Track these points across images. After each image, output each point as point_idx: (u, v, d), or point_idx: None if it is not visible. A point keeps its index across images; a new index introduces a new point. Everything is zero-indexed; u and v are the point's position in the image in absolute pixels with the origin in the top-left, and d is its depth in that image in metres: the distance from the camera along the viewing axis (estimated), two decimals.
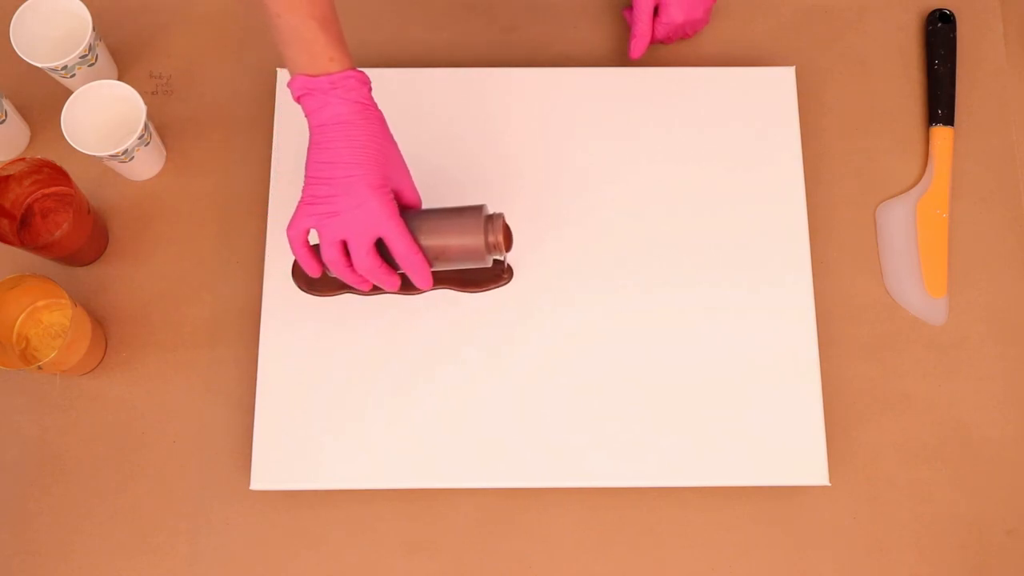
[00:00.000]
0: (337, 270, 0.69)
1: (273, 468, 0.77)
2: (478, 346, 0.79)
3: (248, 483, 0.77)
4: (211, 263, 0.84)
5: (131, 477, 0.79)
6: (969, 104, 0.88)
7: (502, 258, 0.73)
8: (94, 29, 0.81)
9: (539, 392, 0.78)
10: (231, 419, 0.80)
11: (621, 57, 0.89)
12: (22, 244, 0.79)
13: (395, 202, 0.68)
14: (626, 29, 0.89)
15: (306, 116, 0.68)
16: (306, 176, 0.67)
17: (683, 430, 0.77)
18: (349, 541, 0.78)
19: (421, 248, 0.69)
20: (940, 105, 0.86)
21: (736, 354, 0.79)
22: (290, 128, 0.84)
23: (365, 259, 0.67)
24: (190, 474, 0.79)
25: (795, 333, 0.79)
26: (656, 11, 0.84)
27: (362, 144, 0.66)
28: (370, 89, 0.68)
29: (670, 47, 0.89)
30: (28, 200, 0.83)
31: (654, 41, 0.87)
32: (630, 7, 0.85)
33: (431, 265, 0.70)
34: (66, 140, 0.78)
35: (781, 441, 0.77)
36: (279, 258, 0.81)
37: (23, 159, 0.78)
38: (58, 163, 0.77)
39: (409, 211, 0.71)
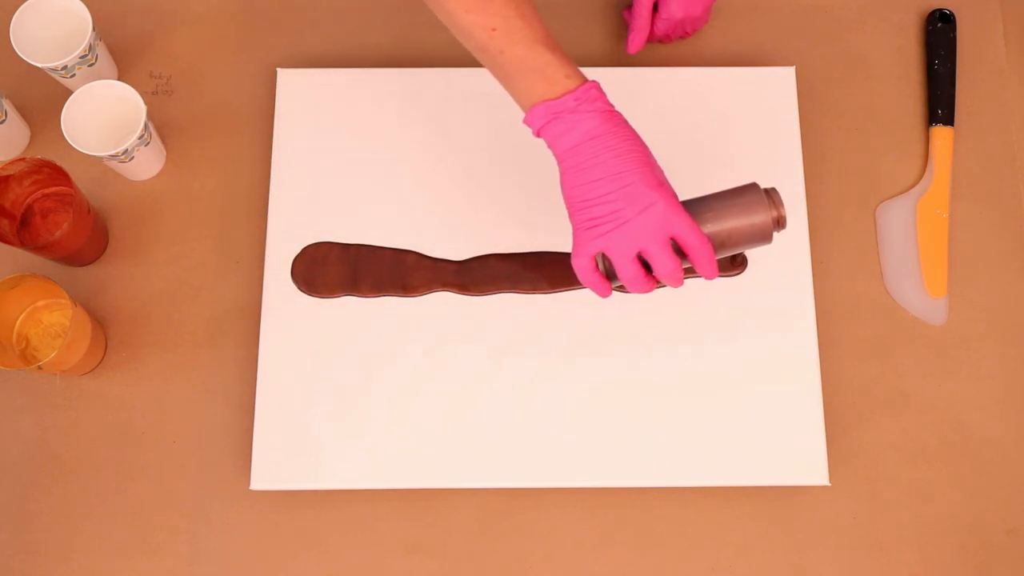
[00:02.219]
0: (637, 285, 0.65)
1: (273, 468, 0.77)
2: (478, 346, 0.79)
3: (248, 483, 0.77)
4: (211, 263, 0.84)
5: (131, 477, 0.79)
6: (969, 104, 0.88)
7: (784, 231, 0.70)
8: (94, 29, 0.81)
9: (539, 392, 0.78)
10: (231, 419, 0.80)
11: (621, 57, 0.89)
12: (22, 244, 0.79)
13: (676, 198, 0.65)
14: (626, 29, 0.89)
15: (550, 144, 0.65)
16: (571, 205, 0.64)
17: (683, 430, 0.77)
18: (349, 541, 0.78)
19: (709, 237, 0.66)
20: (940, 105, 0.86)
21: (736, 354, 0.79)
22: (290, 128, 0.84)
23: (669, 262, 0.63)
24: (190, 474, 0.79)
25: (795, 333, 0.79)
26: (655, 7, 0.84)
27: (627, 149, 0.63)
28: (606, 95, 0.65)
29: (670, 47, 0.89)
30: (28, 200, 0.83)
31: (653, 39, 0.87)
32: (630, 7, 0.86)
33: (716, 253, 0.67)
34: (66, 140, 0.78)
35: (781, 441, 0.77)
36: (279, 258, 0.81)
37: (23, 159, 0.78)
38: (58, 163, 0.77)
39: (683, 203, 0.66)
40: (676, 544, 0.78)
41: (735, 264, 0.80)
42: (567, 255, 0.81)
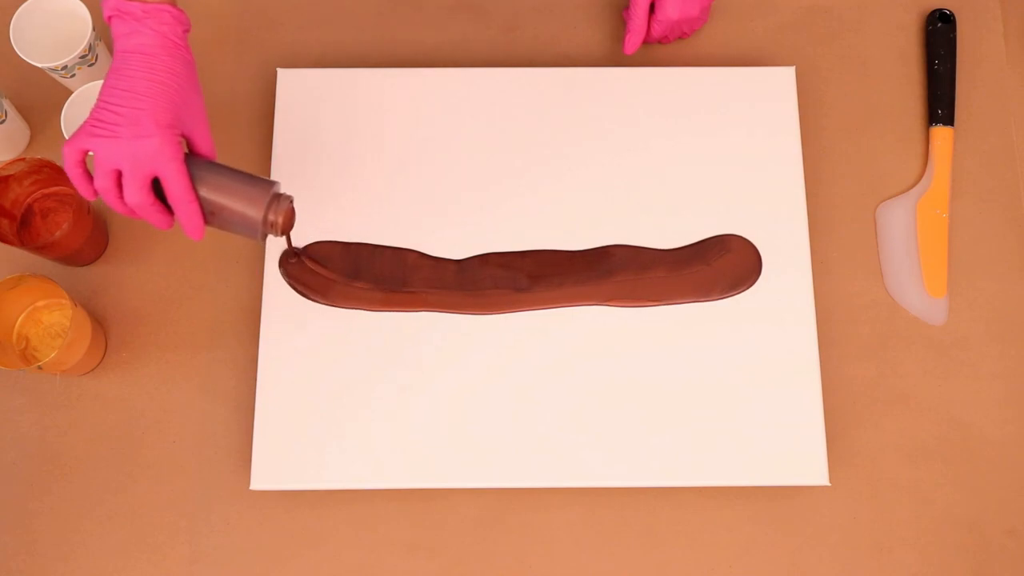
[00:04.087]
0: (107, 198, 0.67)
1: (273, 468, 0.77)
2: (478, 347, 0.79)
3: (248, 483, 0.77)
4: (211, 263, 0.84)
5: (131, 477, 0.79)
6: (969, 104, 0.88)
7: (279, 237, 0.71)
8: (94, 29, 0.81)
9: (539, 392, 0.78)
10: (231, 419, 0.80)
11: (621, 57, 0.89)
12: (22, 244, 0.79)
13: (182, 146, 0.67)
14: (624, 30, 0.89)
15: (113, 39, 0.67)
16: (98, 99, 0.66)
17: (683, 430, 0.77)
18: (349, 541, 0.78)
19: (199, 199, 0.67)
20: (940, 105, 0.86)
21: (736, 354, 0.79)
22: (290, 128, 0.84)
23: (136, 193, 0.66)
24: (190, 474, 0.79)
25: (795, 333, 0.79)
26: (652, 8, 0.84)
27: (161, 80, 0.65)
28: (186, 30, 0.67)
29: (669, 47, 0.89)
30: (28, 200, 0.83)
31: (652, 40, 0.87)
32: (628, 8, 0.85)
33: (206, 221, 0.69)
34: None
35: (781, 441, 0.77)
36: (279, 258, 0.81)
37: (23, 159, 0.78)
38: (58, 163, 0.77)
39: (199, 160, 0.69)
40: (676, 544, 0.78)
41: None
42: (567, 254, 0.81)
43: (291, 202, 0.70)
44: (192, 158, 0.68)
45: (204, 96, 0.87)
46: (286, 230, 0.71)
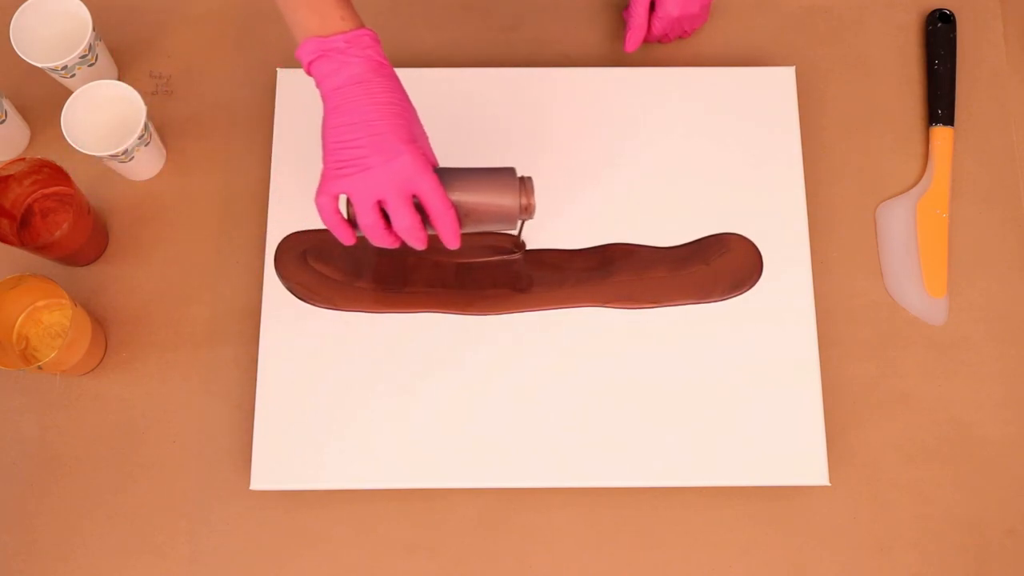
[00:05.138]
0: (375, 234, 0.66)
1: (273, 468, 0.77)
2: (479, 346, 0.79)
3: (248, 483, 0.77)
4: (211, 263, 0.84)
5: (131, 477, 0.79)
6: (969, 104, 0.88)
7: (522, 223, 0.71)
8: (94, 29, 0.81)
9: (539, 392, 0.78)
10: (231, 419, 0.80)
11: (621, 57, 0.89)
12: (22, 244, 0.79)
13: (427, 157, 0.66)
14: (624, 29, 0.89)
15: (318, 83, 0.65)
16: (326, 144, 0.65)
17: (683, 430, 0.77)
18: (349, 541, 0.78)
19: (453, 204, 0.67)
20: (940, 105, 0.86)
21: (736, 354, 0.79)
22: (290, 128, 0.84)
23: (407, 215, 0.64)
24: (190, 474, 0.79)
25: (795, 333, 0.79)
26: (653, 6, 0.84)
27: (385, 101, 0.64)
28: (381, 46, 0.66)
29: (669, 47, 0.89)
30: (28, 200, 0.83)
31: (652, 39, 0.87)
32: (628, 7, 0.85)
33: (461, 225, 0.68)
34: (66, 140, 0.78)
35: (781, 441, 0.77)
36: (275, 266, 0.81)
37: (23, 159, 0.78)
38: (58, 163, 0.77)
39: (438, 168, 0.68)
40: (676, 544, 0.78)
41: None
42: (567, 253, 0.81)
43: (533, 182, 0.69)
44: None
45: (204, 96, 0.88)
46: (534, 210, 0.70)
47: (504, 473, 0.77)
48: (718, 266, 0.80)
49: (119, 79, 0.87)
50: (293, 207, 0.82)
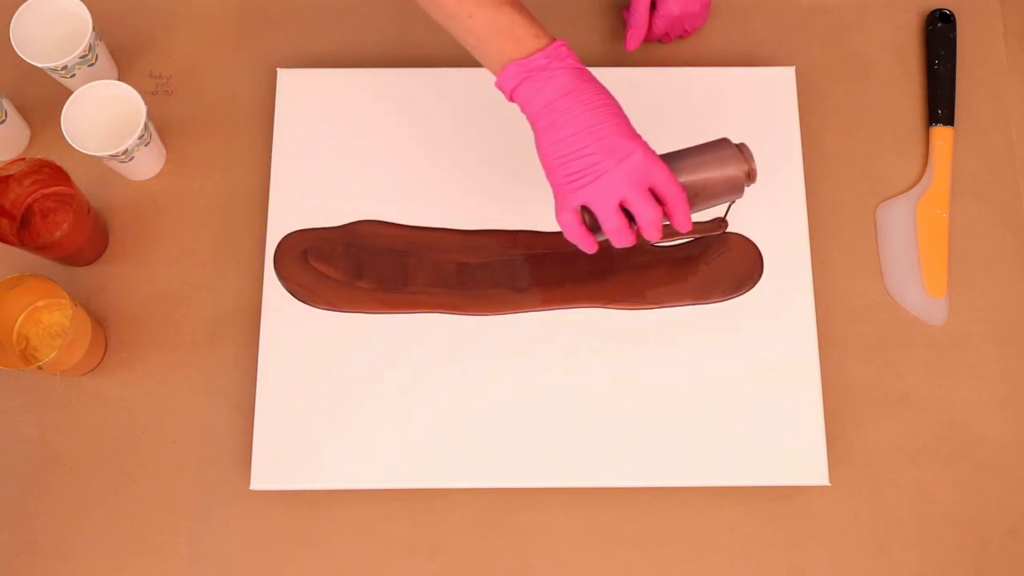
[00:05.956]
0: (620, 237, 0.65)
1: (273, 468, 0.77)
2: (479, 346, 0.79)
3: (248, 483, 0.77)
4: (211, 263, 0.84)
5: (131, 477, 0.79)
6: (969, 104, 0.88)
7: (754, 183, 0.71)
8: (94, 29, 0.81)
9: (540, 392, 0.78)
10: (231, 419, 0.80)
11: (621, 57, 0.89)
12: (22, 244, 0.79)
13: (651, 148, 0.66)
14: (625, 29, 0.89)
15: (524, 105, 0.65)
16: (549, 162, 0.65)
17: (683, 430, 0.77)
18: (349, 541, 0.78)
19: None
20: (940, 105, 0.86)
21: (736, 354, 0.79)
22: (290, 128, 0.84)
23: (652, 210, 0.64)
24: (190, 474, 0.79)
25: (795, 333, 0.79)
26: (654, 5, 0.84)
27: (598, 103, 0.64)
28: (574, 52, 0.66)
29: (669, 46, 0.89)
30: (28, 200, 0.83)
31: (652, 38, 0.87)
32: (629, 7, 0.85)
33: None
34: (66, 140, 0.78)
35: (781, 441, 0.77)
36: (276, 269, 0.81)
37: (23, 159, 0.78)
38: (58, 163, 0.77)
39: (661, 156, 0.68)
40: (676, 544, 0.78)
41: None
42: (566, 253, 0.81)
43: (747, 146, 0.70)
44: None
45: (204, 96, 0.88)
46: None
47: (504, 473, 0.77)
48: (718, 266, 0.80)
49: (119, 79, 0.87)
50: (293, 207, 0.82)
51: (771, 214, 0.82)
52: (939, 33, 0.88)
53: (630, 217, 0.66)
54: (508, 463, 0.77)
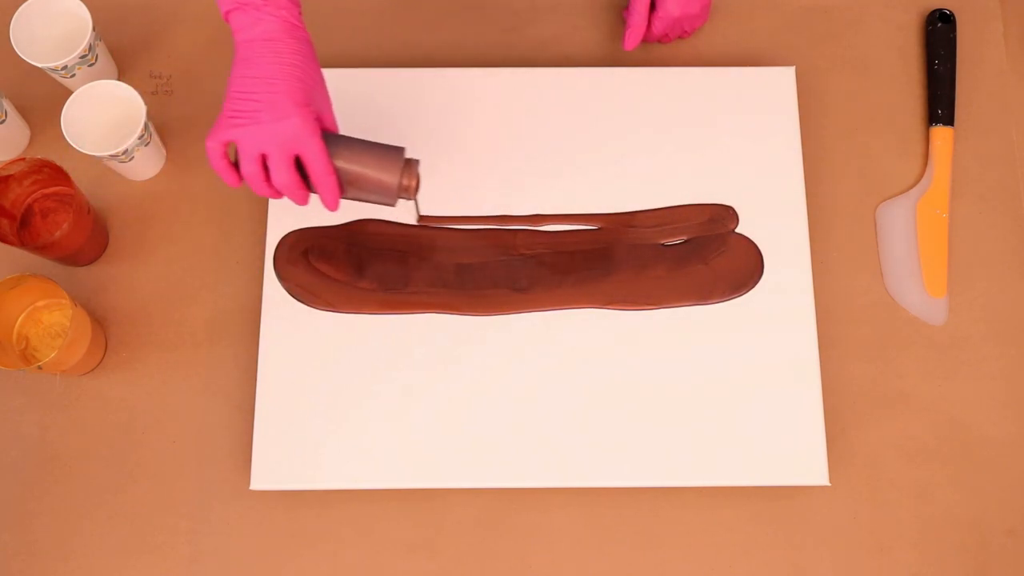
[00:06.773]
0: (254, 184, 0.69)
1: (273, 468, 0.77)
2: (479, 346, 0.79)
3: (248, 483, 0.77)
4: (211, 263, 0.84)
5: (131, 477, 0.79)
6: (969, 104, 0.88)
7: (410, 201, 0.74)
8: (94, 29, 0.81)
9: (539, 392, 0.78)
10: (231, 419, 0.80)
11: (621, 57, 0.89)
12: (22, 244, 0.79)
13: (318, 123, 0.68)
14: (624, 29, 0.89)
15: (233, 32, 0.68)
16: (229, 91, 0.68)
17: (683, 430, 0.77)
18: (349, 541, 0.78)
19: (336, 170, 0.69)
20: (940, 105, 0.86)
21: (736, 354, 0.79)
22: None
23: (284, 173, 0.68)
24: (190, 474, 0.79)
25: (795, 333, 0.79)
26: (653, 6, 0.84)
27: (289, 62, 0.67)
28: (300, 10, 0.69)
29: (669, 46, 0.89)
30: (28, 200, 0.83)
31: (652, 39, 0.87)
32: (628, 7, 0.85)
33: (342, 191, 0.71)
34: (66, 140, 0.78)
35: (781, 441, 0.77)
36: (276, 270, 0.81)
37: (23, 159, 0.78)
38: (58, 163, 0.77)
39: (329, 134, 0.71)
40: (676, 544, 0.78)
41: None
42: (566, 253, 0.81)
43: (419, 165, 0.72)
44: (324, 133, 0.70)
45: (204, 96, 0.88)
46: (416, 192, 0.72)
47: (504, 473, 0.77)
48: (718, 266, 0.80)
49: (119, 79, 0.87)
50: (293, 207, 0.82)
51: (771, 214, 0.82)
52: (939, 33, 0.88)
53: (304, 176, 0.69)
54: (508, 463, 0.77)
